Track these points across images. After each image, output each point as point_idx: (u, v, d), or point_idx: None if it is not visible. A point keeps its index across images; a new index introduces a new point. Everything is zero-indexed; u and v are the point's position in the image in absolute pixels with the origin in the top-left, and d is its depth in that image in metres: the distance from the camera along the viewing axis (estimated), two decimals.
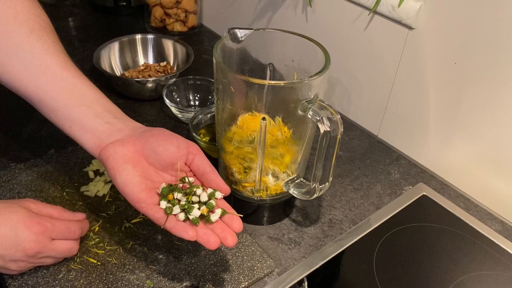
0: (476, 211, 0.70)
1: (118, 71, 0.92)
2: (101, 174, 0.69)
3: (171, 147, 0.53)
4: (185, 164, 0.55)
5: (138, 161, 0.53)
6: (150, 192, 0.52)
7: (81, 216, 0.59)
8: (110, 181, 0.68)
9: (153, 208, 0.51)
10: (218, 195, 0.52)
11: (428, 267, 0.61)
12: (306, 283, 0.59)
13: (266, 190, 0.61)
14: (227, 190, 0.53)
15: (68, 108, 0.54)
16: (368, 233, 0.65)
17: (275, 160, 0.59)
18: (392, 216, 0.68)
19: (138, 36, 0.95)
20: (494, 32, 0.61)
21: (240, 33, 0.58)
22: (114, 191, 0.67)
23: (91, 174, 0.69)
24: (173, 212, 0.50)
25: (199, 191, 0.52)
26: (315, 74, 0.52)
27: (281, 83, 0.53)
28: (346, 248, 0.63)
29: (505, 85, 0.63)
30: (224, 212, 0.52)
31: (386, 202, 0.71)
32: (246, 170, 0.60)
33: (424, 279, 0.60)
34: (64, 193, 0.66)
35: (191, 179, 0.54)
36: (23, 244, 0.51)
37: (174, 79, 0.85)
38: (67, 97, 0.55)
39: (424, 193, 0.72)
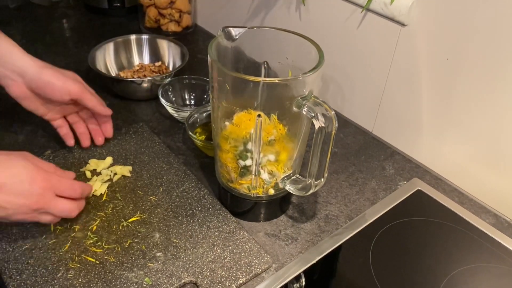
0: (470, 205, 0.71)
1: (113, 72, 0.93)
2: (98, 174, 0.70)
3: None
4: None
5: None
6: None
7: (72, 174, 0.64)
8: (107, 181, 0.69)
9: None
10: None
11: (423, 260, 0.62)
12: (303, 278, 0.59)
13: (263, 187, 0.62)
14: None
15: None
16: (364, 228, 0.66)
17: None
18: (388, 211, 0.69)
19: (133, 37, 0.95)
20: (486, 27, 0.62)
21: (234, 31, 0.58)
22: (111, 190, 0.67)
23: (88, 174, 0.69)
24: None
25: None
26: (309, 71, 0.53)
27: (276, 80, 0.53)
28: (343, 243, 0.64)
29: (497, 80, 0.64)
30: None
31: (381, 197, 0.72)
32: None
33: (419, 272, 0.61)
34: None
35: None
36: (30, 198, 0.52)
37: (169, 79, 0.85)
38: None
39: (419, 188, 0.73)
